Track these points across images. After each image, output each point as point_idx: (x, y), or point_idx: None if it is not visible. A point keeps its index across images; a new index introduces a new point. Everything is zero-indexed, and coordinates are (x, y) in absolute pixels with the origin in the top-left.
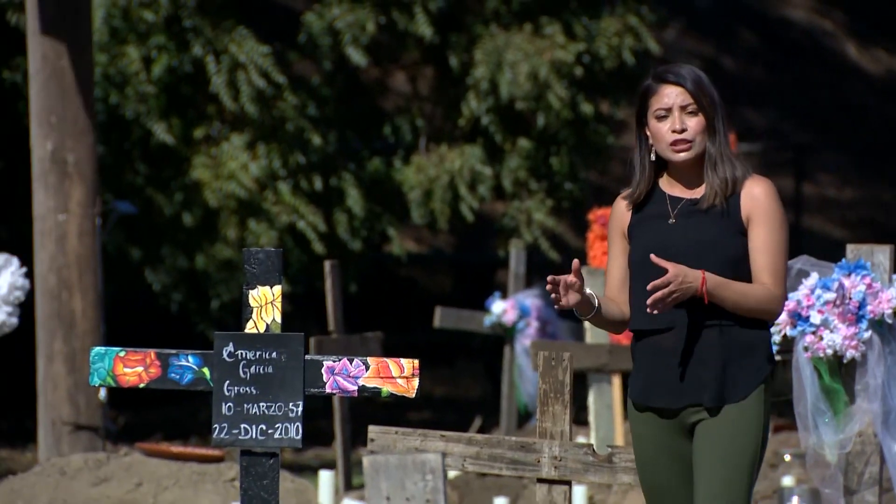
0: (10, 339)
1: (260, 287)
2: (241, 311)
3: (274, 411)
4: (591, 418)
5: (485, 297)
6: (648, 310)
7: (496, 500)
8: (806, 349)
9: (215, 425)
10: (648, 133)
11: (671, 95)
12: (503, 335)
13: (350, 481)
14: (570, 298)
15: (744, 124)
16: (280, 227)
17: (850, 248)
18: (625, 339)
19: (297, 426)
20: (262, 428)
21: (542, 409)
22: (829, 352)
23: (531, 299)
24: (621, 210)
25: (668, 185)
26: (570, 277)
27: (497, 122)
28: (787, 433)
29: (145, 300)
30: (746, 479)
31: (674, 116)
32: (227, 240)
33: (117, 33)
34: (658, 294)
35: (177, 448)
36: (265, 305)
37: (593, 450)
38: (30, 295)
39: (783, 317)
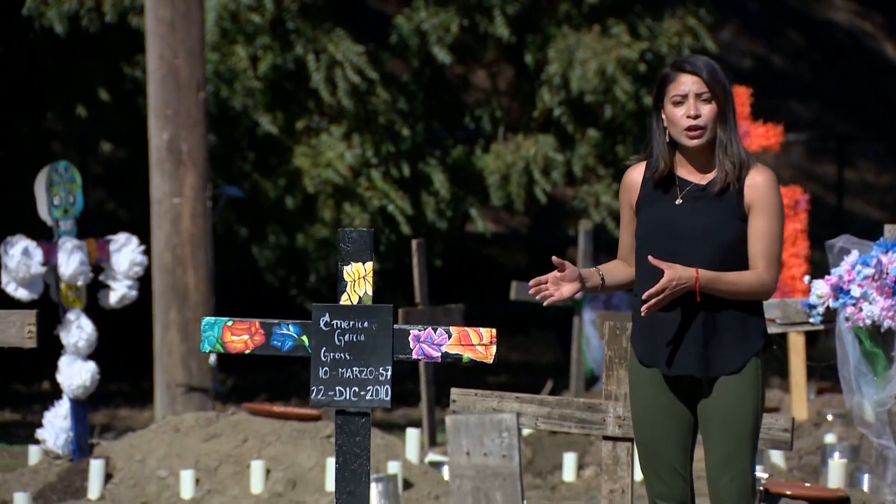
0: (130, 310)
1: (353, 263)
2: (336, 285)
3: (366, 375)
4: None
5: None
6: (643, 312)
7: (565, 455)
8: (847, 319)
9: (313, 388)
10: (664, 117)
11: (688, 83)
12: (573, 307)
13: (434, 438)
14: (566, 290)
15: (791, 116)
16: (372, 210)
17: (888, 228)
18: None
19: (387, 388)
20: (354, 390)
21: (607, 374)
22: (868, 322)
23: None
24: (631, 183)
25: (679, 167)
26: (556, 273)
27: (568, 113)
28: (830, 395)
29: (251, 275)
30: (749, 444)
31: (689, 103)
32: (324, 221)
33: (227, 34)
34: (652, 302)
35: (279, 408)
36: (358, 280)
37: None
38: (147, 270)
39: (826, 289)
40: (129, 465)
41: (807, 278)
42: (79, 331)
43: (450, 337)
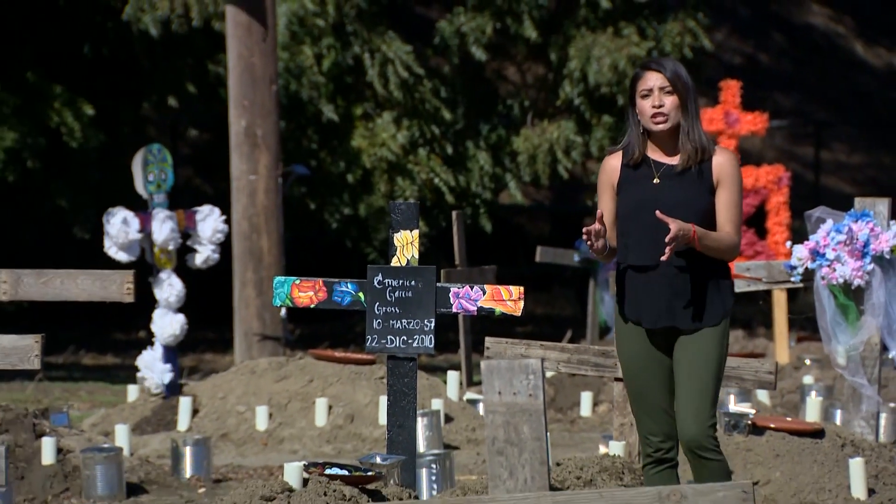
0: (213, 271)
1: (402, 231)
2: (388, 249)
3: (413, 326)
4: None
5: (575, 239)
6: (664, 259)
7: (582, 394)
8: (823, 278)
9: (368, 336)
10: (637, 110)
11: (652, 79)
12: (589, 268)
13: (471, 379)
14: (599, 244)
15: (775, 106)
16: (420, 183)
17: (858, 201)
18: None
19: (431, 337)
20: (403, 339)
21: None
22: (841, 280)
23: None
24: (611, 167)
25: (651, 151)
26: (597, 226)
27: (586, 102)
28: (808, 343)
29: (315, 240)
30: (713, 385)
31: (654, 95)
32: (380, 192)
33: (296, 36)
34: (668, 250)
35: (339, 353)
36: (406, 245)
37: None
38: (228, 236)
39: (805, 253)
40: (213, 401)
41: (789, 243)
42: (170, 288)
43: (484, 294)
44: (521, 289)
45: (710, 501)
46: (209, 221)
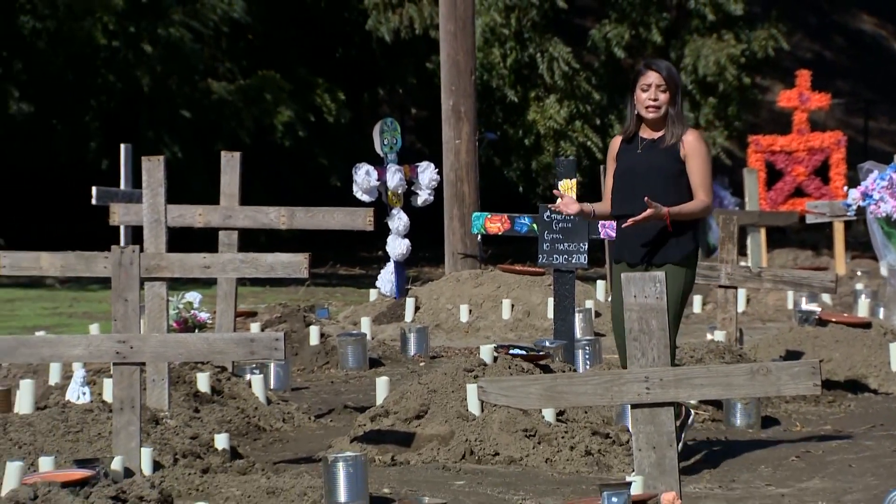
0: (430, 209)
1: (564, 179)
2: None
3: (572, 247)
4: (749, 251)
5: None
6: (625, 226)
7: (694, 297)
8: (871, 213)
9: (540, 255)
10: (635, 98)
11: (651, 77)
12: None
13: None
14: (573, 209)
15: (836, 88)
16: (576, 145)
17: None
18: (767, 206)
19: (584, 256)
20: (565, 257)
21: (721, 247)
22: (884, 214)
23: (715, 187)
24: (615, 144)
25: (642, 130)
26: (566, 201)
27: (697, 88)
28: (859, 259)
29: (501, 186)
30: (676, 307)
31: (651, 90)
32: (548, 153)
33: (488, 41)
34: (630, 222)
35: (519, 267)
36: (567, 190)
37: (749, 269)
38: (440, 184)
39: (857, 195)
40: (430, 301)
41: (845, 188)
42: (399, 220)
43: None
44: None
45: (789, 374)
46: (427, 173)
